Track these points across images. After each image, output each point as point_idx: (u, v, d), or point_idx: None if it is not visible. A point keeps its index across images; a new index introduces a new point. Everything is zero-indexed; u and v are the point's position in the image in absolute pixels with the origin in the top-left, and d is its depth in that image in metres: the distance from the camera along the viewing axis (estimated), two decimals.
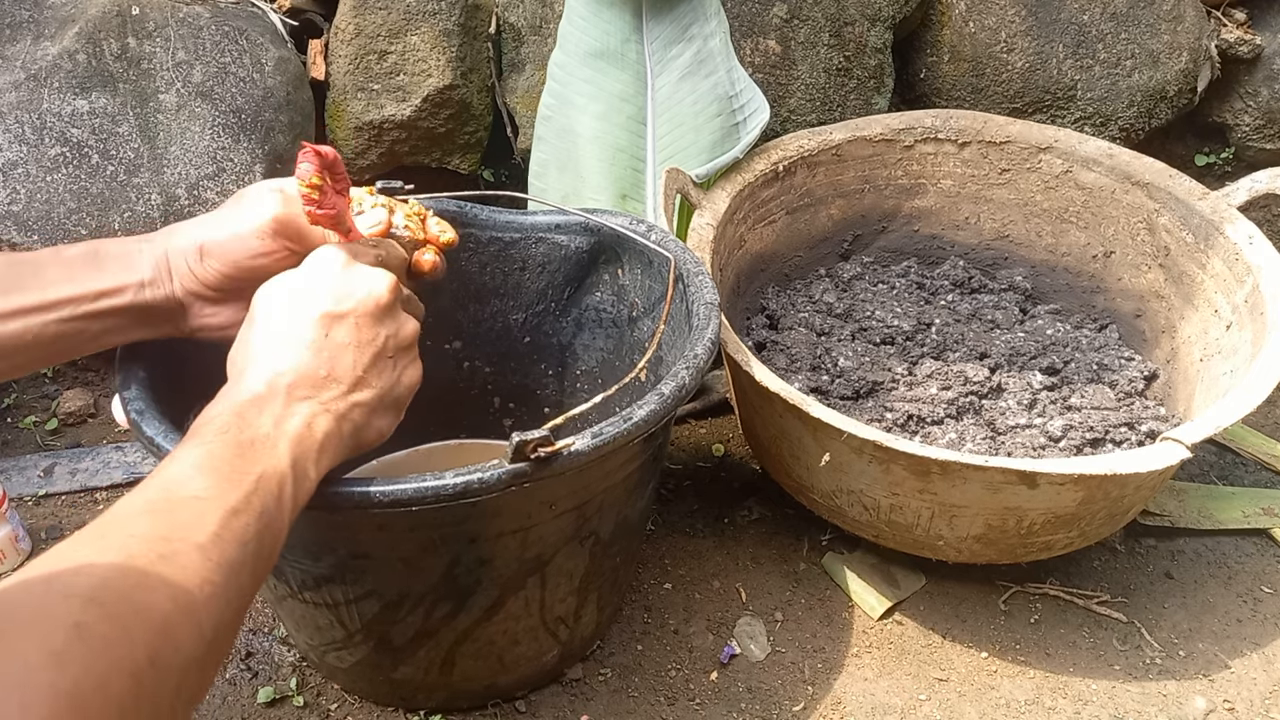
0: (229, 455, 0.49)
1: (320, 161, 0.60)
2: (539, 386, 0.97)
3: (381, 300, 0.60)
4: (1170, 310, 1.06)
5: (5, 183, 1.06)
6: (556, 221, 0.89)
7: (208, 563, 0.44)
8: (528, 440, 0.59)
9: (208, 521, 0.45)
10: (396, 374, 0.61)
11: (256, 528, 0.48)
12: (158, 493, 0.46)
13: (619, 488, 0.73)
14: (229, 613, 0.45)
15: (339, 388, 0.57)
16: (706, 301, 0.77)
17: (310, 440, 0.54)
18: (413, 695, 0.82)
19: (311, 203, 0.60)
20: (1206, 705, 0.86)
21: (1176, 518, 1.01)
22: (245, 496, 0.48)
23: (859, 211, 1.18)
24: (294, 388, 0.55)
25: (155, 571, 0.41)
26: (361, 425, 0.58)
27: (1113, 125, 1.35)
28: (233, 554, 0.46)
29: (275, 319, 0.58)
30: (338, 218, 0.62)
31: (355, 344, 0.58)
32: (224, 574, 0.45)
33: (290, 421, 0.54)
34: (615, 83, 1.04)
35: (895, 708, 0.85)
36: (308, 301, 0.58)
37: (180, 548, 0.43)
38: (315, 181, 0.59)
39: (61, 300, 0.60)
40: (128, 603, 0.40)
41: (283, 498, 0.51)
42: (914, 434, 0.96)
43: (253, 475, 0.49)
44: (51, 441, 1.12)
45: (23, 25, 1.08)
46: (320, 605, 0.72)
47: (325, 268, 0.60)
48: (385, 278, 0.61)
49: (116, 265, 0.62)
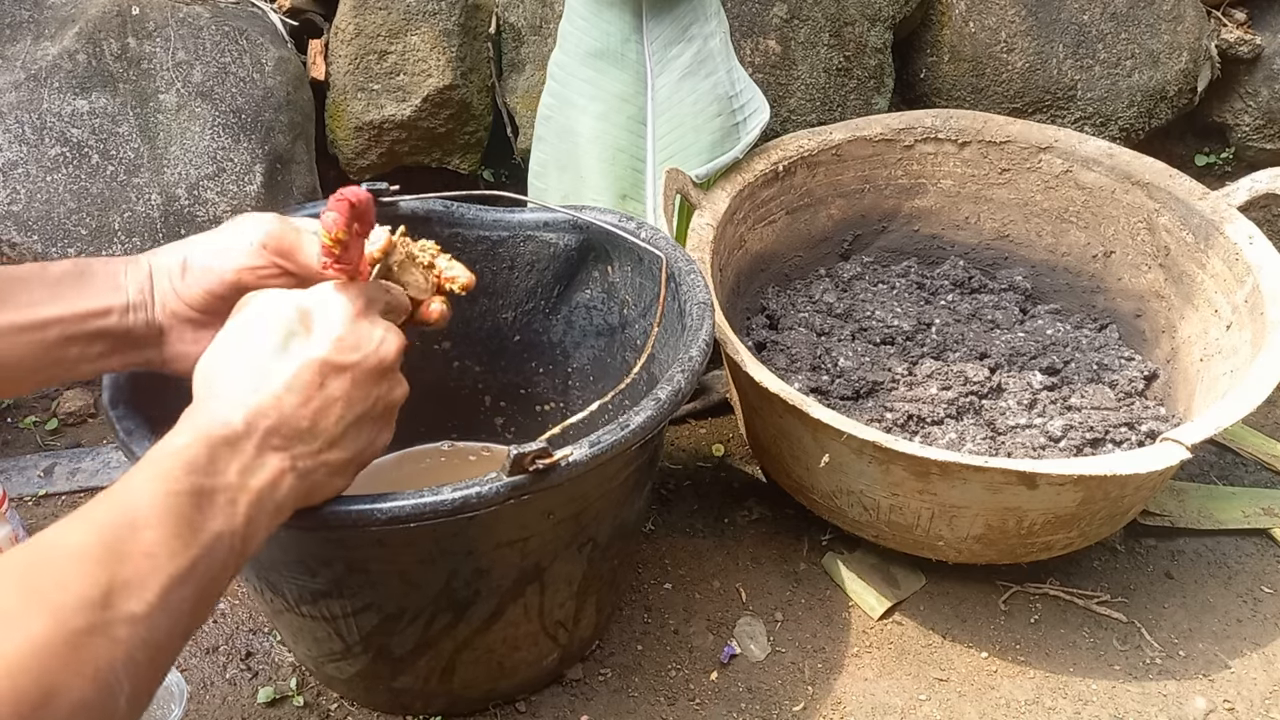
0: (187, 506, 0.46)
1: (351, 213, 0.54)
2: (530, 385, 0.97)
3: (386, 361, 0.56)
4: (1170, 310, 1.06)
5: (5, 183, 1.06)
6: (545, 219, 0.88)
7: (135, 637, 0.42)
8: (525, 453, 0.59)
9: (149, 589, 0.43)
10: (373, 437, 0.58)
11: (194, 598, 0.46)
12: (108, 533, 0.43)
13: (616, 493, 0.73)
14: (149, 675, 0.44)
15: (315, 444, 0.54)
16: (699, 301, 0.76)
17: (271, 500, 0.51)
18: (412, 703, 0.81)
19: (331, 256, 0.54)
20: (1206, 705, 0.86)
21: (1176, 518, 1.01)
22: (192, 563, 0.45)
23: (859, 211, 1.18)
24: (271, 433, 0.51)
25: (81, 650, 0.39)
26: (320, 484, 0.55)
27: (1113, 125, 1.35)
28: (165, 625, 0.44)
29: (267, 344, 0.54)
30: (355, 272, 0.57)
31: (345, 400, 0.54)
32: (149, 651, 0.43)
33: (258, 475, 0.50)
34: (615, 83, 1.04)
35: (895, 708, 0.85)
36: (309, 342, 0.54)
37: (114, 617, 0.41)
38: (340, 236, 0.54)
39: (50, 320, 0.57)
40: (39, 688, 0.38)
41: (229, 560, 0.48)
42: (914, 434, 0.96)
43: (207, 535, 0.47)
44: (51, 441, 1.12)
45: (23, 25, 1.09)
46: (318, 619, 0.72)
47: (336, 312, 0.55)
48: (395, 339, 0.57)
49: (103, 285, 0.59)
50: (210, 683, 0.86)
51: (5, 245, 1.06)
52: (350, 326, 0.55)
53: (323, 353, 0.54)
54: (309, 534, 0.64)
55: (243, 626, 0.90)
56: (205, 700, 0.84)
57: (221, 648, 0.89)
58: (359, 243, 0.57)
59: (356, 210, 0.54)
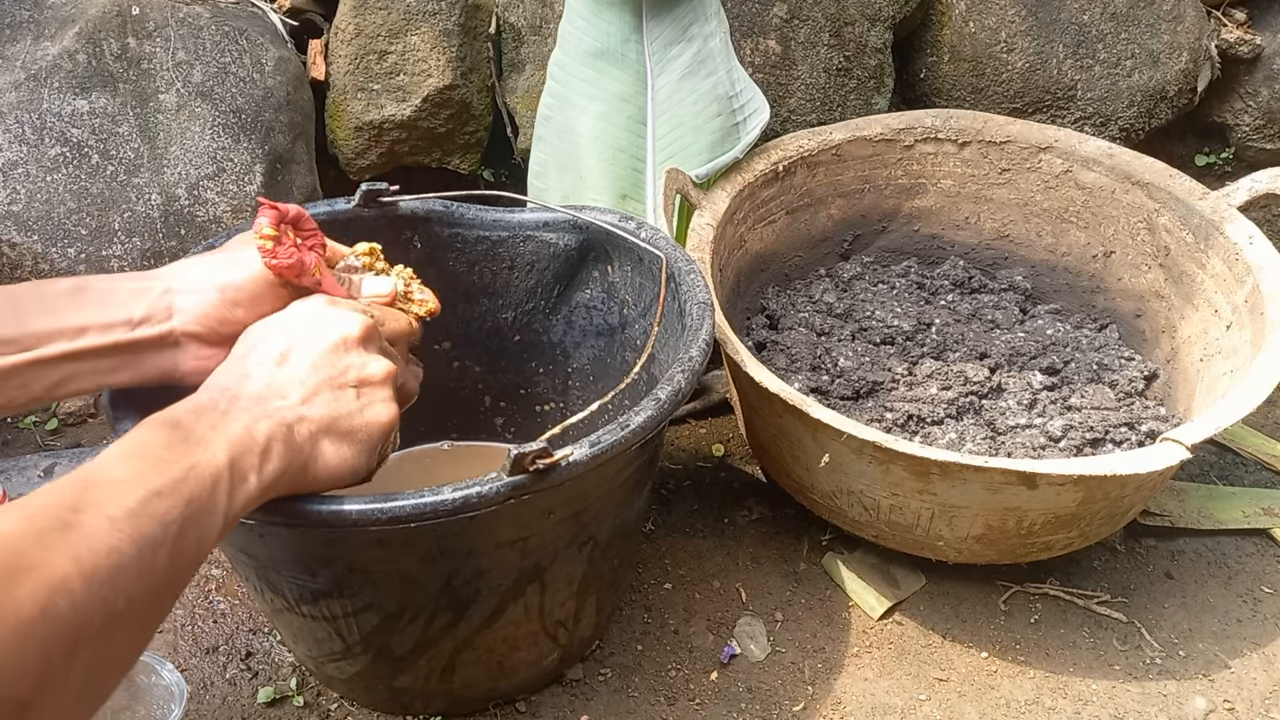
0: (158, 446, 0.48)
1: (277, 216, 0.63)
2: (530, 385, 0.97)
3: (350, 335, 0.59)
4: (1170, 310, 1.06)
5: (5, 183, 1.06)
6: (544, 219, 0.88)
7: (117, 533, 0.43)
8: (526, 453, 0.59)
9: (124, 498, 0.44)
10: (358, 404, 0.59)
11: (183, 512, 0.46)
12: (78, 475, 0.45)
13: (616, 493, 0.73)
14: (139, 588, 0.44)
15: (285, 400, 0.56)
16: (699, 301, 0.76)
17: (250, 443, 0.53)
18: (413, 703, 0.81)
19: (266, 253, 0.63)
20: (1206, 705, 0.86)
21: (1176, 518, 1.01)
22: (172, 483, 0.47)
23: (859, 211, 1.18)
24: (235, 400, 0.54)
25: (54, 533, 0.41)
26: (309, 443, 0.56)
27: (1113, 125, 1.35)
28: (150, 530, 0.44)
29: (239, 348, 0.59)
30: (297, 268, 0.63)
31: (309, 366, 0.57)
32: (136, 547, 0.43)
33: (229, 426, 0.52)
34: (615, 83, 1.04)
35: (895, 708, 0.85)
36: (274, 336, 0.59)
37: (87, 518, 0.42)
38: (269, 233, 0.63)
39: (43, 335, 0.58)
40: (17, 555, 0.39)
41: (217, 493, 0.49)
42: (914, 434, 0.96)
43: (182, 465, 0.48)
44: (51, 441, 1.12)
45: (23, 25, 1.09)
46: (318, 619, 0.72)
47: (303, 307, 0.61)
48: (357, 319, 0.60)
49: (104, 302, 0.61)
50: (210, 683, 0.86)
51: (5, 245, 1.06)
52: (313, 315, 0.60)
53: (289, 336, 0.59)
54: (309, 533, 0.64)
55: (243, 626, 0.90)
56: (205, 700, 0.84)
57: (221, 648, 0.89)
58: (304, 249, 0.65)
59: (281, 216, 0.64)
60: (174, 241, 1.10)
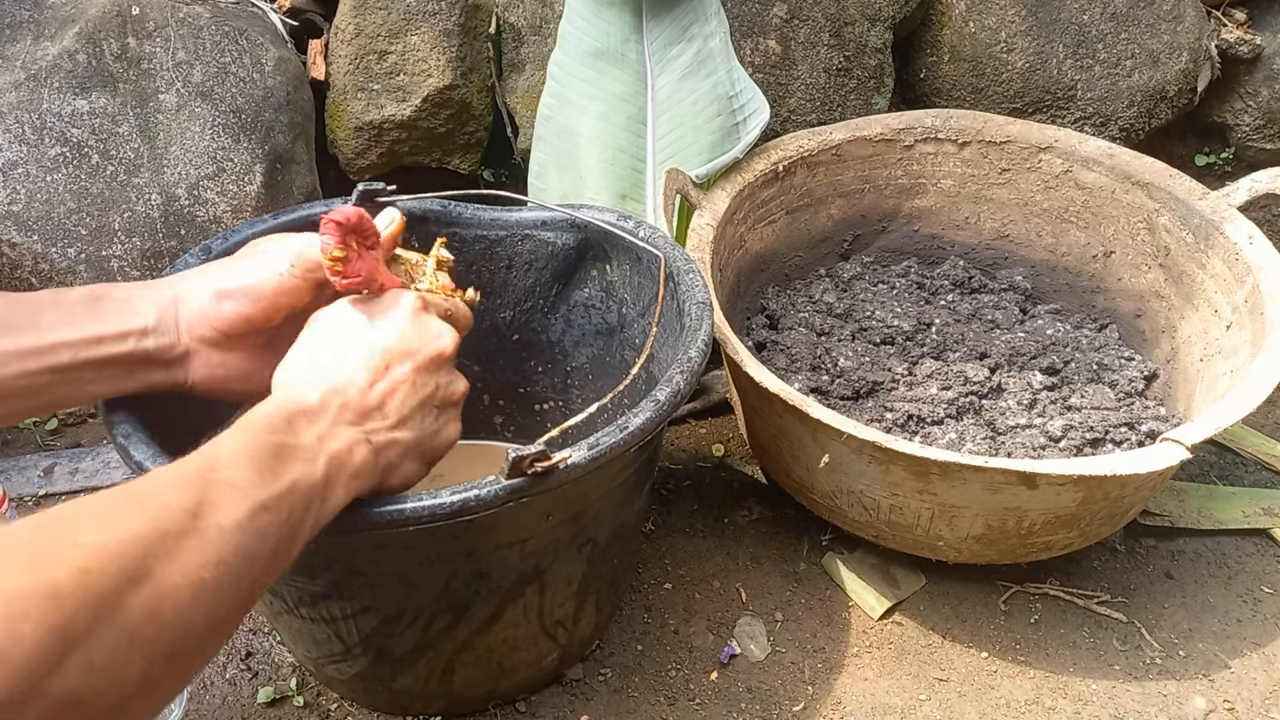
0: (269, 455, 0.50)
1: (341, 231, 0.59)
2: (529, 384, 0.97)
3: (445, 352, 0.62)
4: (1170, 310, 1.06)
5: (5, 183, 1.06)
6: (542, 218, 0.88)
7: (225, 545, 0.45)
8: (524, 456, 0.59)
9: (236, 509, 0.46)
10: (437, 425, 0.62)
11: (279, 529, 0.49)
12: (196, 471, 0.47)
13: (615, 494, 0.73)
14: (233, 599, 0.46)
15: (384, 421, 0.58)
16: (698, 301, 0.76)
17: (347, 464, 0.55)
18: (413, 704, 0.81)
19: (336, 274, 0.60)
20: (1206, 705, 0.86)
21: (1176, 518, 1.01)
22: (277, 497, 0.49)
23: (859, 211, 1.18)
24: (344, 409, 0.57)
25: (173, 539, 0.42)
26: (393, 464, 0.60)
27: (1113, 125, 1.35)
28: (252, 545, 0.46)
29: (338, 340, 0.60)
30: (367, 281, 0.61)
31: (409, 384, 0.59)
32: (240, 560, 0.45)
33: (333, 441, 0.55)
34: (615, 83, 1.04)
35: (895, 708, 0.85)
36: (374, 334, 0.60)
37: (203, 524, 0.44)
38: (338, 254, 0.59)
39: (59, 344, 0.58)
40: (137, 563, 0.40)
41: (309, 509, 0.52)
42: (914, 434, 0.96)
43: (288, 479, 0.50)
44: (51, 441, 1.12)
45: (23, 25, 1.09)
46: (318, 621, 0.72)
47: (397, 310, 0.62)
48: (451, 333, 0.63)
49: (118, 310, 0.61)
50: (210, 683, 0.86)
51: (5, 245, 1.06)
52: (412, 320, 0.61)
53: (388, 342, 0.60)
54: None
55: (243, 626, 0.90)
56: (205, 700, 0.84)
57: (221, 648, 0.89)
58: (367, 254, 0.61)
59: (345, 228, 0.59)
60: (174, 242, 1.10)
